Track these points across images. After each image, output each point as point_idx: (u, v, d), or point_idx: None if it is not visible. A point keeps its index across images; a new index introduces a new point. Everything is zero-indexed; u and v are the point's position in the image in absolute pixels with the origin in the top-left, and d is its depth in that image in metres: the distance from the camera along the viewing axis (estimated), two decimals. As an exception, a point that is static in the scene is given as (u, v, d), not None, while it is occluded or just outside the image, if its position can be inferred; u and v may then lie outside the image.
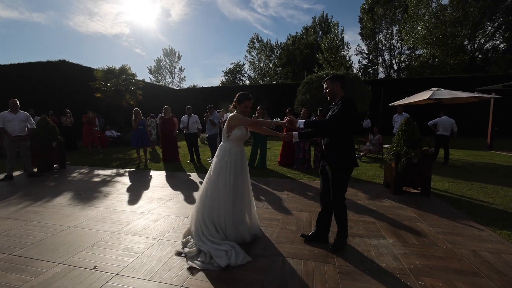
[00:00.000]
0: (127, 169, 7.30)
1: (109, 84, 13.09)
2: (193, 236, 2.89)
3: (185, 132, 8.23)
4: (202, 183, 3.04)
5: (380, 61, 34.27)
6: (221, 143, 3.06)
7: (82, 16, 61.21)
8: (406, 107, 10.19)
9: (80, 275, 2.38)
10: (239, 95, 3.00)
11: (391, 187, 5.05)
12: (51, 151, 7.02)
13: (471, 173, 6.67)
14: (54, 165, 7.35)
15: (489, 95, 9.56)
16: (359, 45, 44.94)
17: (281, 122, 3.09)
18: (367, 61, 35.18)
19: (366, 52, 34.55)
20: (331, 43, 28.77)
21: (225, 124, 2.99)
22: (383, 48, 33.08)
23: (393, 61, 33.17)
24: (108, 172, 6.95)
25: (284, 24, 63.07)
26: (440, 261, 2.61)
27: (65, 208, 4.14)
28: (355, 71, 32.09)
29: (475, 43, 25.25)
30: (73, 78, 14.77)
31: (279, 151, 8.08)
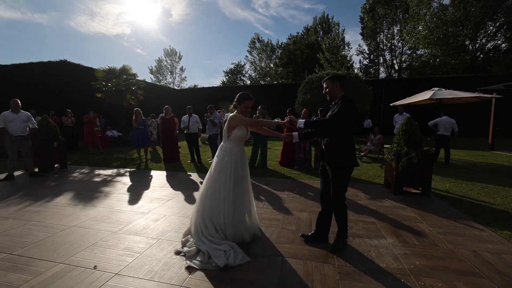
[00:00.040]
0: (128, 169, 7.31)
1: (110, 84, 13.11)
2: (193, 236, 2.90)
3: (185, 132, 8.24)
4: (203, 183, 3.04)
5: (381, 61, 34.24)
6: (222, 143, 3.06)
7: (83, 16, 61.53)
8: (407, 107, 10.17)
9: (80, 274, 2.39)
10: (240, 95, 3.00)
11: (391, 187, 5.04)
12: (52, 151, 7.04)
13: (472, 173, 6.65)
14: (55, 165, 7.37)
15: (490, 95, 9.52)
16: (360, 45, 44.89)
17: (281, 122, 3.08)
18: (368, 61, 35.16)
19: (367, 52, 34.54)
20: (332, 43, 28.74)
21: (226, 124, 2.99)
22: (384, 48, 33.05)
23: (394, 61, 33.12)
24: (109, 172, 6.96)
25: (285, 24, 63.21)
26: (440, 261, 2.61)
27: (66, 208, 4.15)
28: (356, 71, 32.09)
29: (476, 43, 25.18)
30: (74, 78, 14.80)
31: (280, 151, 8.08)
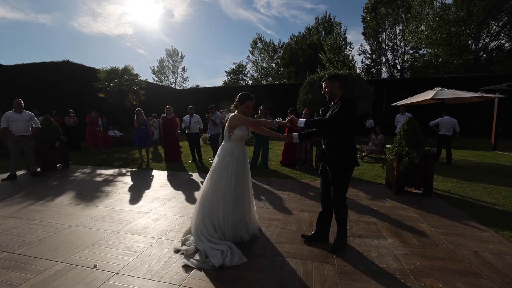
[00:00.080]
0: (129, 169, 7.33)
1: (112, 84, 13.18)
2: (193, 235, 2.90)
3: (187, 132, 8.25)
4: (203, 183, 3.04)
5: (383, 61, 34.09)
6: (223, 143, 3.05)
7: (86, 17, 61.83)
8: (409, 107, 10.12)
9: (80, 273, 2.40)
10: (241, 95, 3.00)
11: (393, 187, 5.02)
12: (54, 150, 7.08)
13: (475, 173, 6.61)
14: (57, 165, 7.41)
15: (493, 95, 9.46)
16: (362, 45, 44.71)
17: (282, 122, 3.08)
18: (370, 61, 35.04)
19: (369, 52, 34.43)
20: (334, 43, 28.67)
21: (227, 124, 2.99)
22: (386, 47, 32.89)
23: (396, 61, 32.99)
24: (110, 171, 6.99)
25: (287, 24, 63.16)
26: (440, 261, 2.59)
27: (67, 207, 4.17)
28: (358, 71, 31.99)
29: (479, 43, 25.01)
30: (76, 78, 14.88)
31: (281, 151, 8.07)
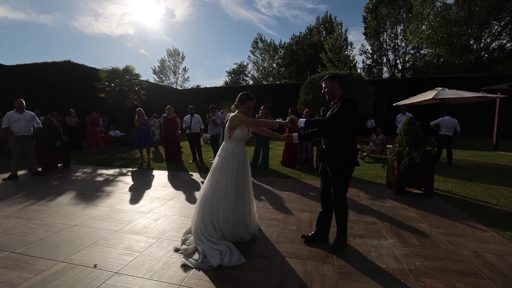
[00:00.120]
0: (130, 169, 7.35)
1: (113, 85, 13.20)
2: (193, 234, 2.91)
3: (187, 132, 8.26)
4: (204, 183, 3.04)
5: (385, 61, 34.06)
6: (223, 143, 3.05)
7: (87, 17, 61.99)
8: (410, 107, 10.10)
9: (80, 273, 2.40)
10: (242, 95, 3.00)
11: (393, 187, 5.01)
12: (55, 150, 7.10)
13: (476, 173, 6.59)
14: (58, 165, 7.43)
15: (494, 95, 9.43)
16: (363, 45, 44.61)
17: (283, 122, 3.08)
18: (371, 61, 35.01)
19: (370, 52, 34.42)
20: (335, 43, 28.63)
21: (227, 124, 2.99)
22: (388, 47, 32.87)
23: (397, 61, 32.95)
24: (111, 171, 7.00)
25: (288, 24, 63.13)
26: (441, 262, 2.59)
27: (68, 207, 4.18)
28: (359, 71, 31.94)
29: (481, 43, 24.97)
30: (78, 78, 14.92)
31: (282, 151, 8.07)
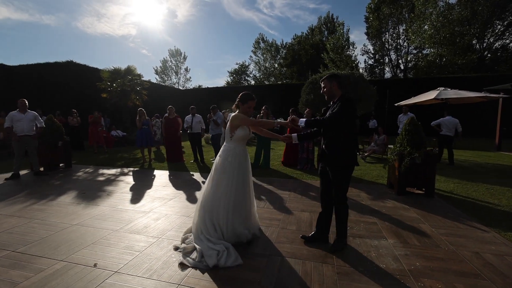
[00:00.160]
0: (131, 169, 7.37)
1: (115, 85, 13.26)
2: (193, 234, 2.92)
3: (188, 132, 8.28)
4: (205, 183, 3.04)
5: (387, 60, 33.97)
6: (224, 143, 3.06)
7: (90, 17, 62.19)
8: (412, 107, 10.06)
9: (80, 272, 2.41)
10: (243, 95, 3.00)
11: (394, 187, 5.00)
12: (57, 150, 7.13)
13: (478, 174, 6.55)
14: (60, 164, 7.46)
15: (497, 95, 9.35)
16: (365, 45, 44.51)
17: (283, 122, 3.09)
18: (373, 61, 34.91)
19: (372, 52, 34.32)
20: (337, 43, 28.57)
21: (228, 124, 2.99)
22: (390, 47, 32.78)
23: (399, 61, 32.84)
24: (113, 171, 7.03)
25: (289, 24, 63.02)
26: (441, 262, 2.57)
27: (69, 207, 4.20)
28: (361, 71, 31.82)
29: (484, 42, 24.82)
30: (80, 78, 14.98)
31: (283, 151, 8.06)
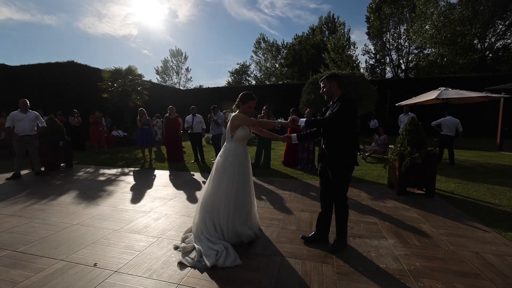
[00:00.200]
0: (132, 169, 7.38)
1: (116, 85, 13.28)
2: (193, 233, 2.93)
3: (189, 132, 8.29)
4: (205, 183, 3.05)
5: (388, 60, 33.90)
6: (225, 143, 3.06)
7: (91, 18, 62.39)
8: (413, 107, 10.04)
9: (80, 271, 2.42)
10: (243, 95, 3.00)
11: (395, 187, 4.99)
12: (58, 150, 7.15)
13: (479, 174, 6.53)
14: (61, 164, 7.48)
15: (498, 95, 9.33)
16: (366, 45, 44.47)
17: (284, 122, 3.09)
18: (374, 61, 34.85)
19: (373, 52, 34.24)
20: (338, 42, 28.54)
21: (228, 124, 2.99)
22: (391, 47, 32.72)
23: (400, 61, 32.77)
24: (113, 171, 7.04)
25: (290, 24, 63.04)
26: (441, 262, 2.57)
27: (70, 206, 4.21)
28: (362, 71, 31.76)
29: (485, 42, 24.75)
30: (81, 78, 15.03)
31: (283, 151, 8.06)
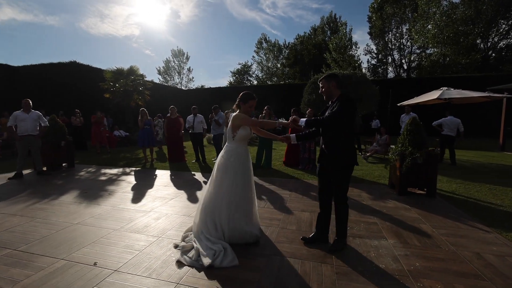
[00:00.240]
0: (133, 168, 7.40)
1: (117, 85, 13.32)
2: (193, 233, 2.94)
3: (190, 132, 8.30)
4: (207, 183, 3.05)
5: (390, 60, 33.75)
6: (227, 143, 3.06)
7: (93, 18, 62.57)
8: (415, 107, 10.01)
9: (80, 270, 2.43)
10: (244, 95, 3.00)
11: (396, 187, 4.97)
12: (60, 150, 7.18)
13: (481, 174, 6.50)
14: (63, 164, 7.52)
15: (501, 95, 9.29)
16: (368, 45, 44.34)
17: (285, 122, 3.09)
18: (376, 60, 34.70)
19: (375, 51, 34.10)
20: (339, 42, 28.48)
21: (229, 124, 2.99)
22: (393, 47, 32.56)
23: (403, 61, 32.63)
24: (115, 171, 7.07)
25: (292, 24, 62.84)
26: (441, 263, 2.56)
27: (71, 206, 4.23)
28: (364, 70, 31.68)
29: (488, 42, 24.62)
30: (83, 79, 15.09)
31: (284, 151, 8.06)
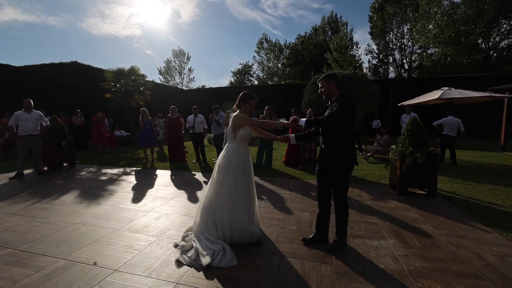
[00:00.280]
0: (134, 168, 7.41)
1: (118, 85, 13.34)
2: (193, 232, 2.94)
3: (191, 132, 8.31)
4: (208, 183, 3.05)
5: (391, 60, 33.69)
6: (227, 143, 3.06)
7: (95, 18, 62.65)
8: (416, 107, 9.99)
9: (80, 270, 2.43)
10: (244, 94, 3.00)
11: (396, 188, 4.96)
12: (61, 150, 7.20)
13: (482, 174, 6.48)
14: (64, 164, 7.53)
15: (502, 95, 9.24)
16: (368, 45, 44.19)
17: (285, 122, 3.09)
18: (377, 60, 34.64)
19: (376, 51, 34.04)
20: (340, 42, 28.45)
21: (230, 124, 2.99)
22: (394, 47, 32.50)
23: (404, 61, 32.56)
24: (115, 171, 7.08)
25: (293, 24, 62.75)
26: (441, 263, 2.55)
27: (71, 206, 4.24)
28: (364, 70, 31.63)
29: (489, 42, 24.53)
30: (84, 79, 15.13)
31: (285, 151, 8.06)
